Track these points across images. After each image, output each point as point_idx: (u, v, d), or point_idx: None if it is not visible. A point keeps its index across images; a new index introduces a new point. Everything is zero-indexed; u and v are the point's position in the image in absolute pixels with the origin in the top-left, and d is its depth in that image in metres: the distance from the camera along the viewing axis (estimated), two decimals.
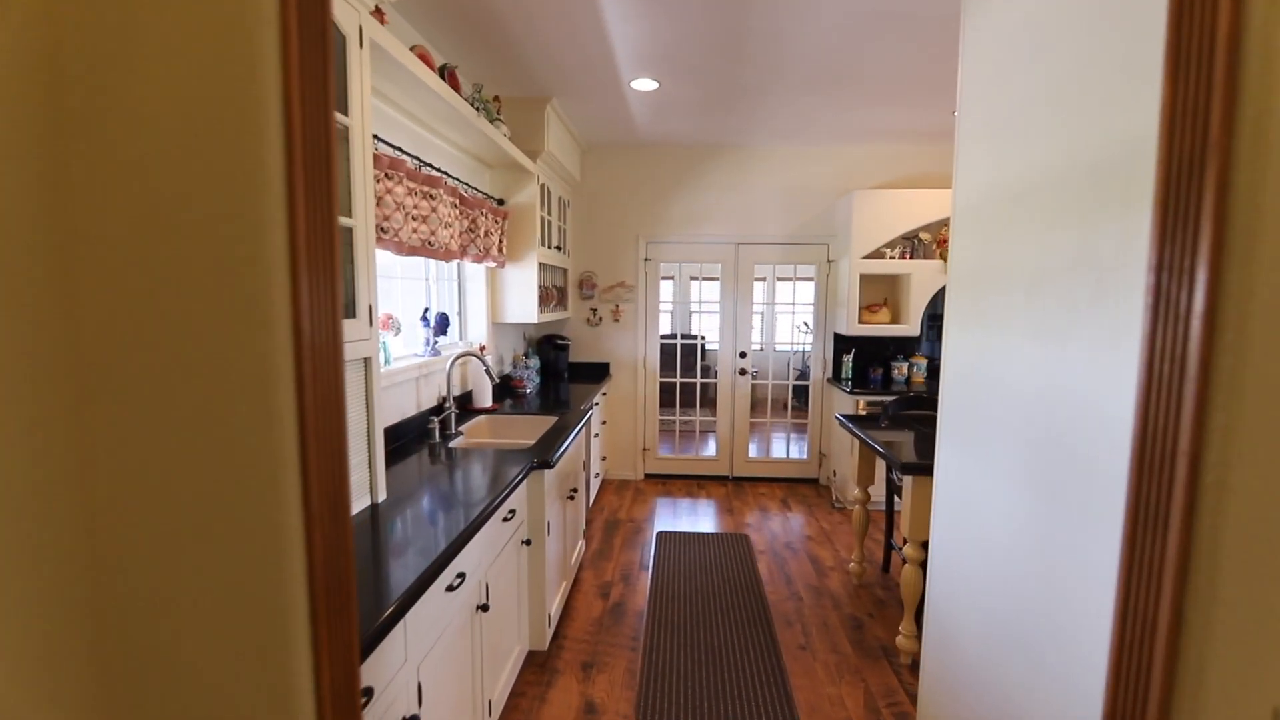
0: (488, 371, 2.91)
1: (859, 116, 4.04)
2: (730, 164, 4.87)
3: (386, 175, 2.31)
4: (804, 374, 8.04)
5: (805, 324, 9.57)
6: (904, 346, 4.91)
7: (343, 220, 1.68)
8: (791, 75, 3.28)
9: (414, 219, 2.57)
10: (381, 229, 2.33)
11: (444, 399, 2.96)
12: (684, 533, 4.02)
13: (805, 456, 5.14)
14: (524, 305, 3.88)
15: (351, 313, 1.74)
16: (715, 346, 5.20)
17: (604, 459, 4.96)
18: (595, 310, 5.05)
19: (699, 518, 4.32)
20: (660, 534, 3.99)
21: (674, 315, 9.50)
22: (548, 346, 4.76)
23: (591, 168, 4.95)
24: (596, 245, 5.01)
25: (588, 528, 4.11)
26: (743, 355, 5.08)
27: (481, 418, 3.28)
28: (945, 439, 1.82)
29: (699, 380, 5.26)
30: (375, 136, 2.26)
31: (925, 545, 2.53)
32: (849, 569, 3.43)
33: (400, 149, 2.46)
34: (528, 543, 2.40)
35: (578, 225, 5.01)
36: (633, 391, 5.10)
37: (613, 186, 4.95)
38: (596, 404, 4.36)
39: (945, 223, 4.57)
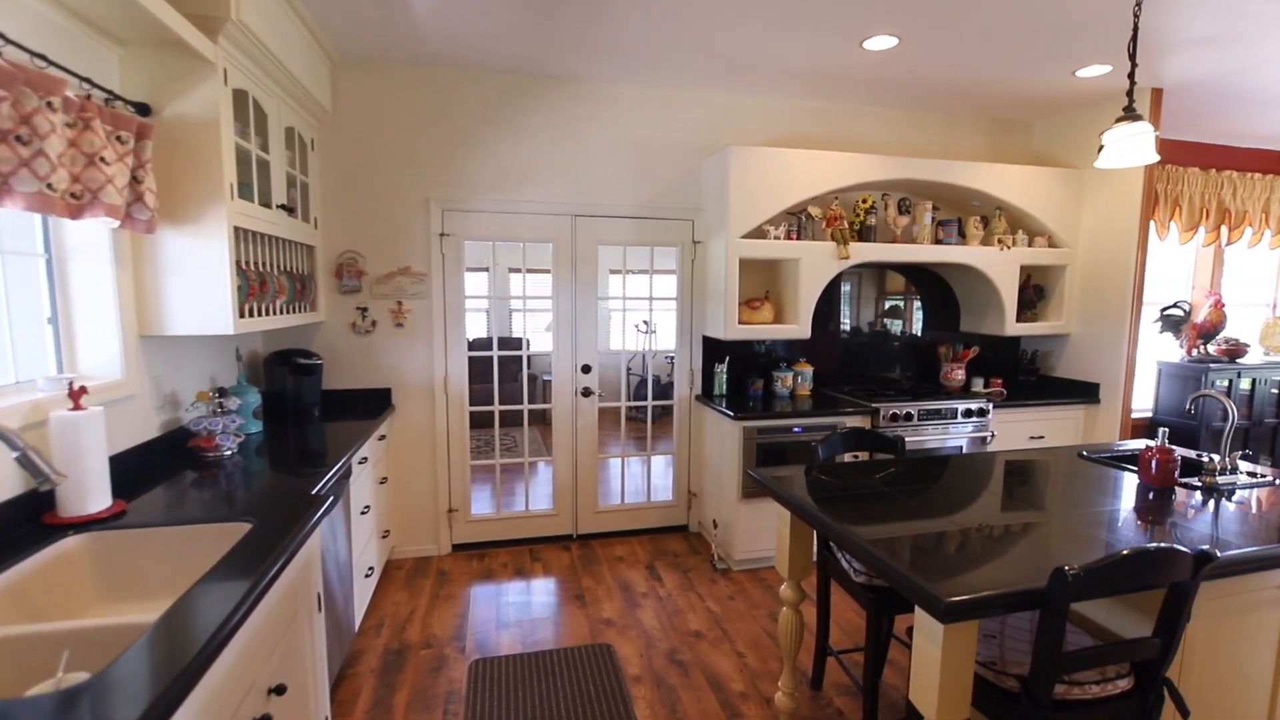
0: (22, 457, 1.21)
1: (737, 40, 2.90)
2: (562, 104, 3.49)
3: None
4: (664, 388, 6.98)
5: (645, 323, 8.53)
6: (787, 352, 3.94)
7: None
8: None
9: None
10: None
11: None
12: (513, 656, 2.57)
13: (670, 498, 3.96)
14: (207, 303, 2.14)
15: None
16: (547, 350, 3.80)
17: (385, 536, 3.30)
18: (364, 310, 3.36)
19: (535, 616, 2.90)
20: (476, 665, 2.50)
21: (490, 315, 7.92)
22: (281, 370, 2.99)
23: (351, 93, 3.25)
24: (363, 212, 3.32)
25: (351, 670, 2.48)
26: (586, 370, 3.73)
27: (68, 542, 1.53)
28: None
29: (525, 407, 3.81)
30: None
31: None
32: (775, 701, 2.26)
33: None
34: None
35: (331, 180, 3.27)
36: (429, 428, 3.50)
37: (387, 124, 3.30)
38: (363, 461, 2.73)
39: (836, 195, 3.65)
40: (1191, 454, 2.27)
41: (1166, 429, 2.03)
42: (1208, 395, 2.09)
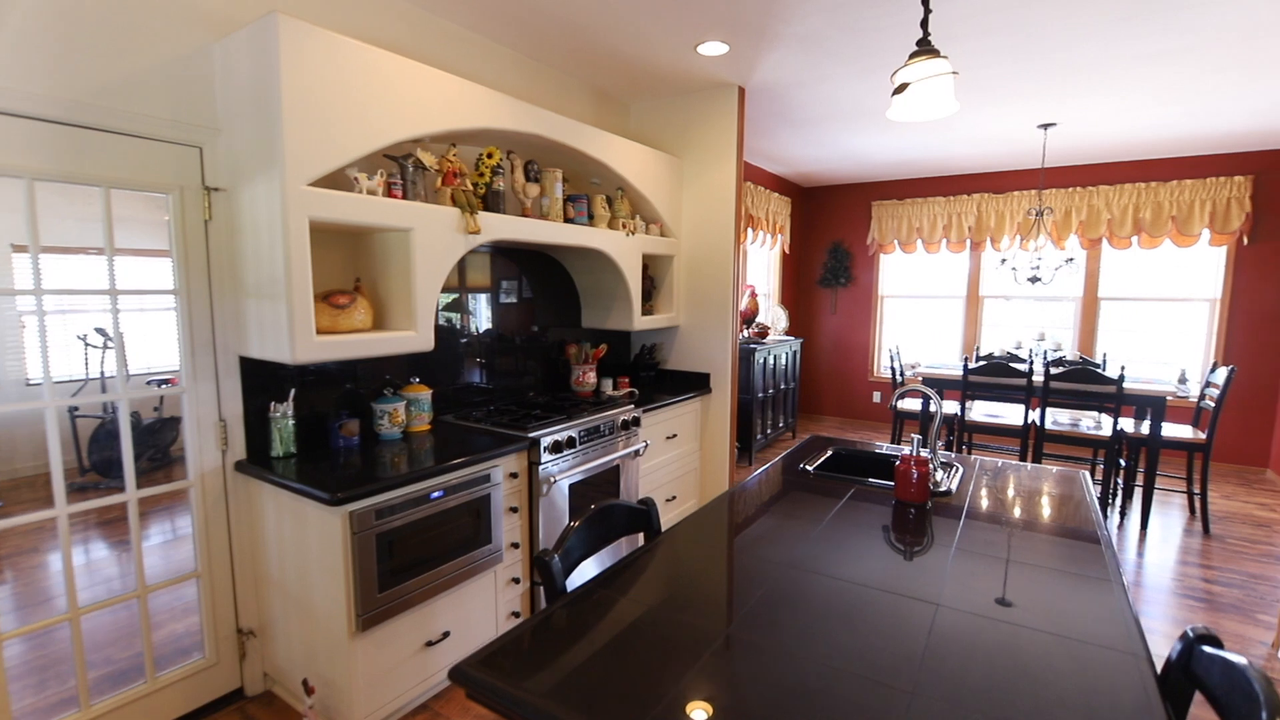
0: None
1: None
2: None
3: None
4: (152, 434, 4.46)
5: (100, 331, 5.51)
6: (390, 370, 2.64)
7: None
8: None
9: None
10: None
11: None
12: None
13: (203, 655, 2.19)
14: None
15: None
16: None
17: None
18: None
19: None
20: None
21: None
22: None
23: None
24: None
25: None
26: None
27: None
28: None
29: None
30: None
31: None
32: None
33: None
34: None
35: None
36: None
37: None
38: None
39: (454, 140, 2.55)
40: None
41: (920, 436, 1.78)
42: (913, 388, 1.92)
